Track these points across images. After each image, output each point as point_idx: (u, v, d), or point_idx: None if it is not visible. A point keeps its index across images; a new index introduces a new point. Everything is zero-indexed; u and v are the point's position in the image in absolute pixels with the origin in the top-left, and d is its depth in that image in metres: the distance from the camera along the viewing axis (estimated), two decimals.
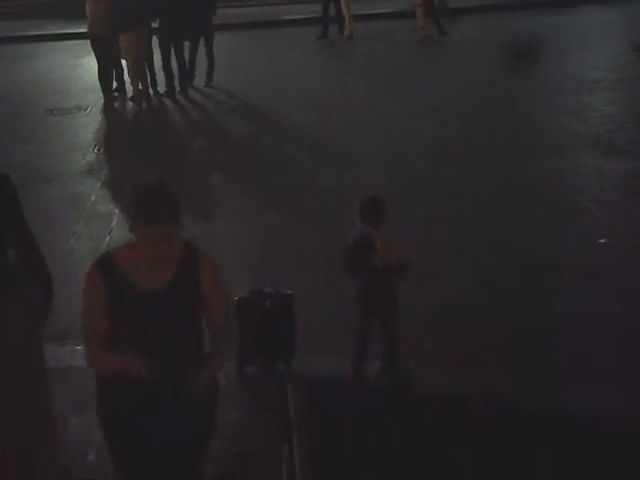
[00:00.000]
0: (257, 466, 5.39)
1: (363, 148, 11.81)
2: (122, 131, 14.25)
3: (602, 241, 8.48)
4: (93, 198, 10.46)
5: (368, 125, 12.98)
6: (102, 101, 15.19)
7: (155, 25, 15.33)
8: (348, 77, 16.54)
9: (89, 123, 14.14)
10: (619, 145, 11.36)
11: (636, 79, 14.75)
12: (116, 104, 15.37)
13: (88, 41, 15.41)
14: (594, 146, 11.40)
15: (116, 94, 15.51)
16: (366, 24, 20.77)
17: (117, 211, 9.79)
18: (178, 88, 15.56)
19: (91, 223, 9.68)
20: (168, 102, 15.31)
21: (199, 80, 15.95)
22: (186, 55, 15.73)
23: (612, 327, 6.94)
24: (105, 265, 4.13)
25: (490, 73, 15.33)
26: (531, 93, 14.32)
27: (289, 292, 6.61)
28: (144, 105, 14.96)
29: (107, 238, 9.05)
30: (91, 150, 12.54)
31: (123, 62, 15.04)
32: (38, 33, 21.97)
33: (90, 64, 16.20)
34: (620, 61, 16.24)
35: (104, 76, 15.27)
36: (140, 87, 14.94)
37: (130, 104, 15.25)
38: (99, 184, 10.97)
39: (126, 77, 15.25)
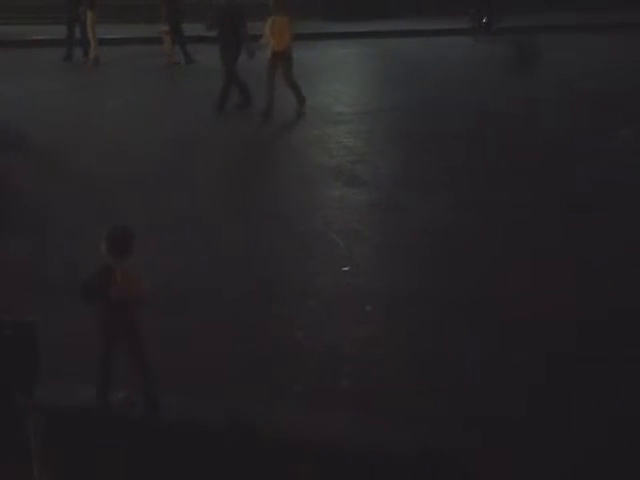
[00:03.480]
0: None
1: (104, 173, 11.64)
2: None
3: (345, 269, 8.71)
4: None
5: (110, 149, 12.81)
6: None
7: None
8: (92, 100, 16.30)
9: None
10: (360, 176, 11.72)
11: (377, 112, 15.31)
12: None
13: None
14: (337, 177, 11.71)
15: None
16: (113, 48, 20.55)
17: None
18: None
19: None
20: None
21: None
22: None
23: (352, 353, 7.11)
24: None
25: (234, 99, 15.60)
26: (278, 123, 14.64)
27: (31, 320, 6.36)
28: None
29: None
30: None
31: None
32: None
33: None
34: (363, 95, 16.87)
35: None
36: None
37: None
38: None
39: None
